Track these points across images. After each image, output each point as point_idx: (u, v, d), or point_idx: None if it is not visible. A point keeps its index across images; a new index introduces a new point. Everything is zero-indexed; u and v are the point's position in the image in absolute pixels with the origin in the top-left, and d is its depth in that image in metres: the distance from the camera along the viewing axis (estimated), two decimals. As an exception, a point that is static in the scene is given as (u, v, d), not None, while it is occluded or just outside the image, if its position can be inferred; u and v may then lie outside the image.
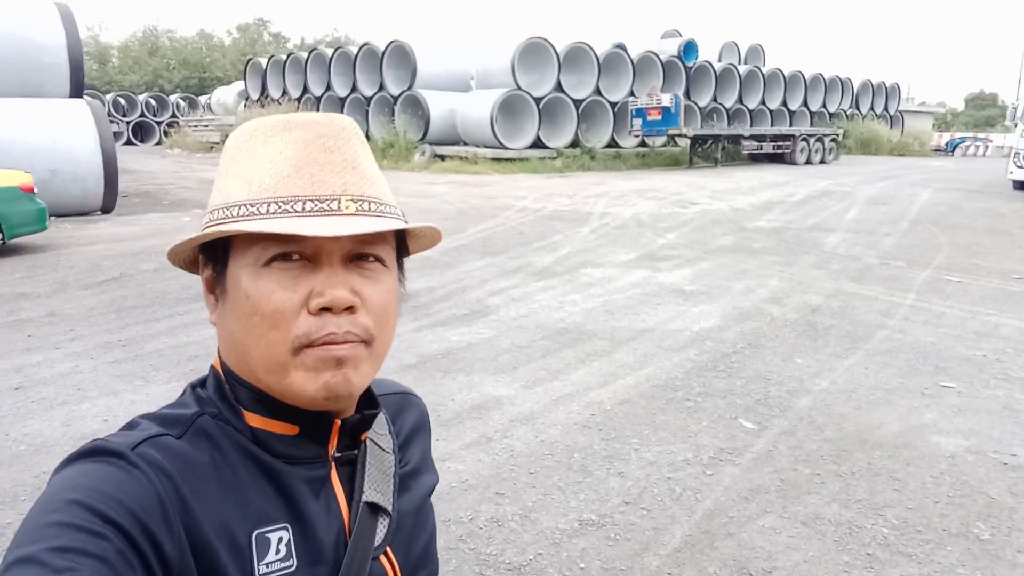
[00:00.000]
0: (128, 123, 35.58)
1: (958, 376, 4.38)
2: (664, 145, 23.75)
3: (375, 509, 0.71)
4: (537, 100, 21.00)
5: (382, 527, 0.71)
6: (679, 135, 21.51)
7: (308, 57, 27.34)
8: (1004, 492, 2.96)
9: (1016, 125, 17.90)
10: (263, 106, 27.57)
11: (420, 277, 6.66)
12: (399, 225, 0.65)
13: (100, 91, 37.15)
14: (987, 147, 39.02)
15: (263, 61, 30.49)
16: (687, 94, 23.90)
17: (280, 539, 0.64)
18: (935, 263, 7.86)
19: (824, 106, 31.83)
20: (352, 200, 0.63)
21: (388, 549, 0.71)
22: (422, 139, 22.20)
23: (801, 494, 2.97)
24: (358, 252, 0.65)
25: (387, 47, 23.40)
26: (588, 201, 12.78)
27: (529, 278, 6.76)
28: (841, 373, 4.41)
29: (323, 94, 26.42)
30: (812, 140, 24.52)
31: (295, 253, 0.63)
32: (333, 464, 0.70)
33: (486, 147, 20.96)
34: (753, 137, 23.34)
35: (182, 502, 0.59)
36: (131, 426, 0.64)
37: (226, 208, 0.64)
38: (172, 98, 38.58)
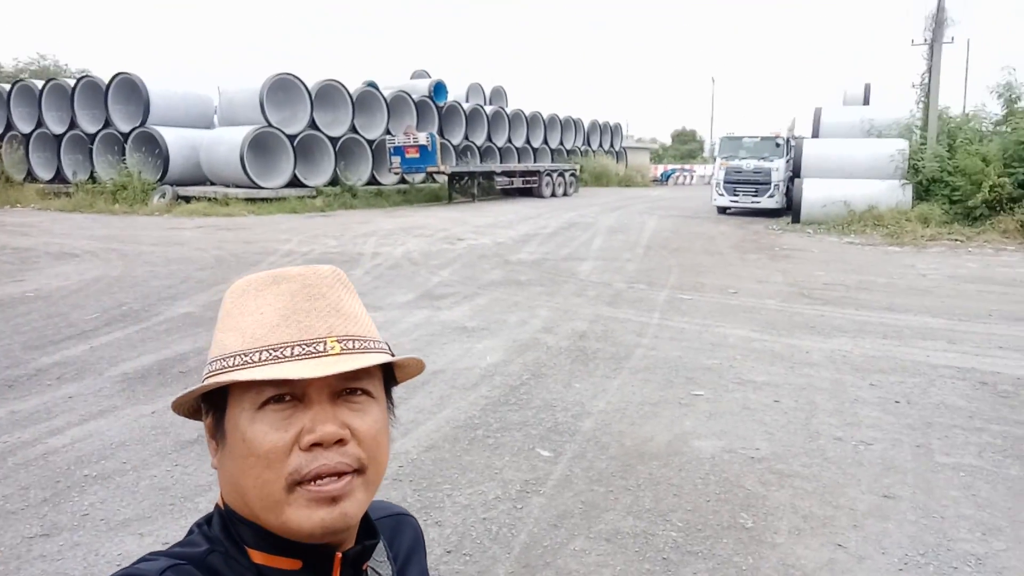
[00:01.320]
0: None
1: (704, 384, 5.10)
2: (424, 182, 24.39)
3: None
4: (291, 137, 20.36)
5: None
6: (437, 172, 22.24)
7: (12, 89, 23.67)
8: (756, 483, 3.53)
9: (714, 159, 21.30)
10: (-49, 144, 23.25)
11: (186, 338, 6.12)
12: (382, 359, 0.71)
13: None
14: (692, 176, 45.75)
15: (-52, 92, 25.78)
16: (441, 132, 24.81)
17: None
18: (670, 283, 9.05)
19: (562, 143, 35.01)
20: (337, 340, 0.69)
21: None
22: (161, 180, 20.32)
23: (600, 512, 3.26)
24: (346, 387, 0.70)
25: (112, 79, 21.14)
26: (357, 241, 12.68)
27: (309, 328, 6.53)
28: (613, 393, 4.90)
29: (33, 131, 23.04)
30: (555, 175, 26.82)
31: (287, 395, 0.68)
32: None
33: (237, 187, 19.80)
34: (505, 173, 24.91)
35: None
36: (147, 560, 0.66)
37: (223, 359, 0.70)
38: None
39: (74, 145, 22.35)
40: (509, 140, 30.59)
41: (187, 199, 19.64)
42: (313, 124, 21.03)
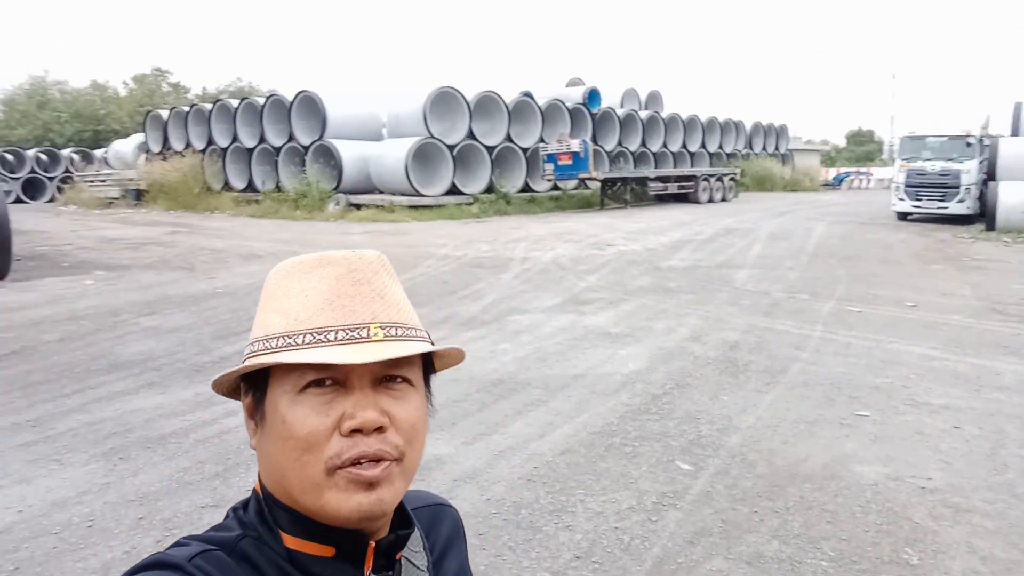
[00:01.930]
0: (17, 180, 33.51)
1: (871, 404, 4.65)
2: (576, 188, 24.45)
3: None
4: (450, 148, 21.26)
5: None
6: (589, 178, 22.21)
7: (212, 108, 26.71)
8: (926, 516, 3.16)
9: (894, 160, 19.51)
10: (165, 159, 26.63)
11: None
12: (424, 348, 0.70)
13: (-16, 148, 34.91)
14: (869, 180, 42.16)
15: (164, 113, 29.56)
16: (594, 139, 24.77)
17: None
18: (837, 294, 8.38)
19: (721, 147, 33.67)
20: (380, 327, 0.68)
21: None
22: (335, 188, 21.98)
23: (742, 533, 3.07)
24: (386, 374, 0.69)
25: (295, 97, 23.21)
26: (508, 246, 12.96)
27: (457, 328, 6.76)
28: (765, 408, 4.60)
29: (229, 145, 25.83)
30: (713, 179, 25.82)
31: (328, 379, 0.67)
32: None
33: (402, 195, 20.97)
34: (659, 178, 24.37)
35: None
36: (180, 544, 0.67)
37: (265, 340, 0.69)
38: (65, 152, 36.63)
39: (263, 157, 24.77)
40: (664, 145, 29.93)
41: (358, 206, 21.10)
42: (471, 134, 21.82)
